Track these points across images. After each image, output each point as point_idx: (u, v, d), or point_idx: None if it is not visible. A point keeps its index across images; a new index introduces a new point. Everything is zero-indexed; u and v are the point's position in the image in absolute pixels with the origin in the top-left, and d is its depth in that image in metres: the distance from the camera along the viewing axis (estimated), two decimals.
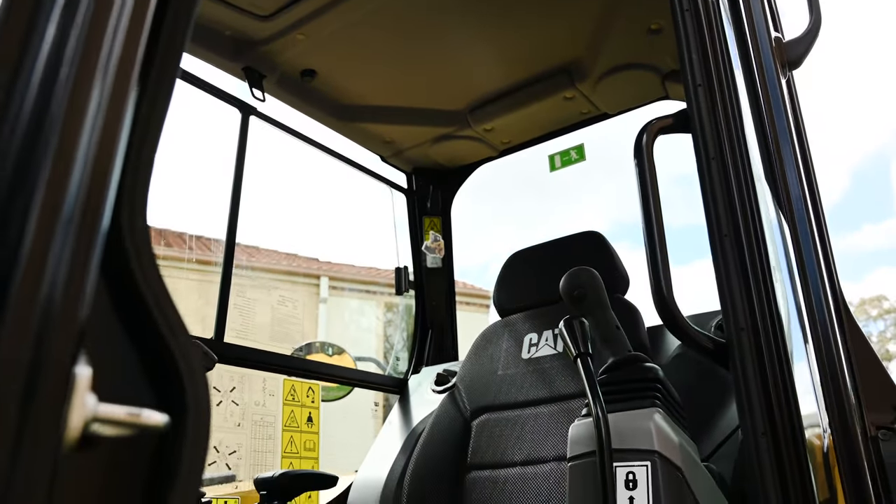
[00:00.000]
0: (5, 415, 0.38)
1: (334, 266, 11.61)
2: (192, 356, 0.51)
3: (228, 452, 2.25)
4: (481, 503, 1.84)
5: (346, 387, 2.94)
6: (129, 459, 0.49)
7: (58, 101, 0.43)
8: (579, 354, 1.19)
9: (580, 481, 1.13)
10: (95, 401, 0.42)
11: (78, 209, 0.43)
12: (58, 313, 0.41)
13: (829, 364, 1.23)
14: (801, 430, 1.01)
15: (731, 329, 1.04)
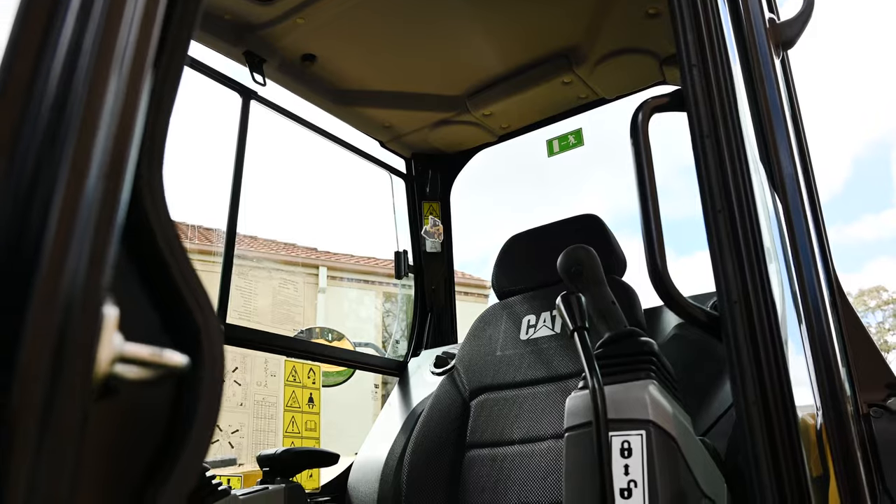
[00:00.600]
0: (42, 350, 0.40)
1: (332, 256, 11.64)
2: (204, 303, 0.54)
3: (231, 431, 2.28)
4: (480, 480, 1.87)
5: (345, 372, 2.97)
6: (150, 404, 0.52)
7: (79, 84, 0.45)
8: (576, 328, 1.22)
9: (576, 451, 1.16)
10: (122, 339, 0.44)
11: (104, 171, 0.46)
12: (87, 259, 0.43)
13: (820, 342, 1.26)
14: (792, 400, 1.04)
15: (723, 302, 1.07)
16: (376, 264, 11.45)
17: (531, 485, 1.78)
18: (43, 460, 0.42)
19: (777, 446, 1.01)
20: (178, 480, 0.52)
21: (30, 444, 0.42)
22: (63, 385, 0.42)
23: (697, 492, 1.11)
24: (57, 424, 0.43)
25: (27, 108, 0.44)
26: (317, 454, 1.84)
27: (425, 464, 1.94)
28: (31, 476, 0.42)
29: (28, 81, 0.45)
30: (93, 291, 0.43)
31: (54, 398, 0.42)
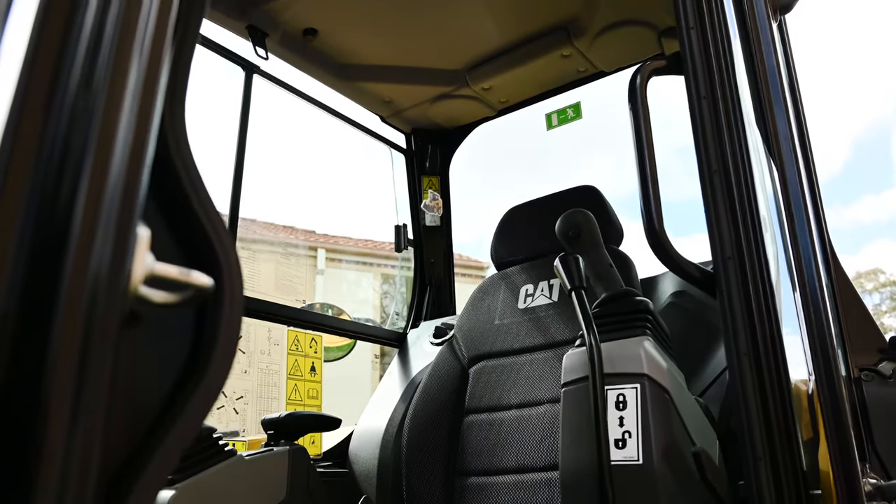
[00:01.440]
0: (82, 269, 0.43)
1: (331, 238, 11.66)
2: (224, 236, 0.57)
3: (236, 398, 2.33)
4: (478, 444, 1.92)
5: (345, 347, 3.01)
6: (176, 325, 0.55)
7: (108, 38, 0.48)
8: (574, 288, 1.26)
9: (573, 404, 1.20)
10: (153, 259, 0.47)
11: (135, 112, 0.49)
12: (121, 190, 0.46)
13: (814, 307, 1.29)
14: (783, 353, 1.08)
15: (717, 258, 1.10)
16: (374, 246, 11.48)
17: (528, 448, 1.82)
18: (85, 374, 0.46)
19: (767, 397, 1.05)
20: (196, 406, 0.56)
21: (72, 359, 0.45)
22: (102, 299, 0.45)
23: (689, 442, 1.16)
24: (96, 337, 0.46)
25: (62, 58, 0.47)
26: (319, 418, 1.88)
27: (425, 429, 1.98)
28: (74, 391, 0.45)
29: (62, 36, 0.47)
30: (126, 214, 0.46)
31: (94, 313, 0.45)
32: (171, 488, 1.46)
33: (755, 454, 1.03)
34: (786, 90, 1.31)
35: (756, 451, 1.03)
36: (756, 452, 1.03)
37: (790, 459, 1.04)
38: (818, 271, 1.34)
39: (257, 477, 1.61)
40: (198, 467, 1.51)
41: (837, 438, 1.21)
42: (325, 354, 2.63)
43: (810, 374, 1.28)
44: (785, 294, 1.33)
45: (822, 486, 1.21)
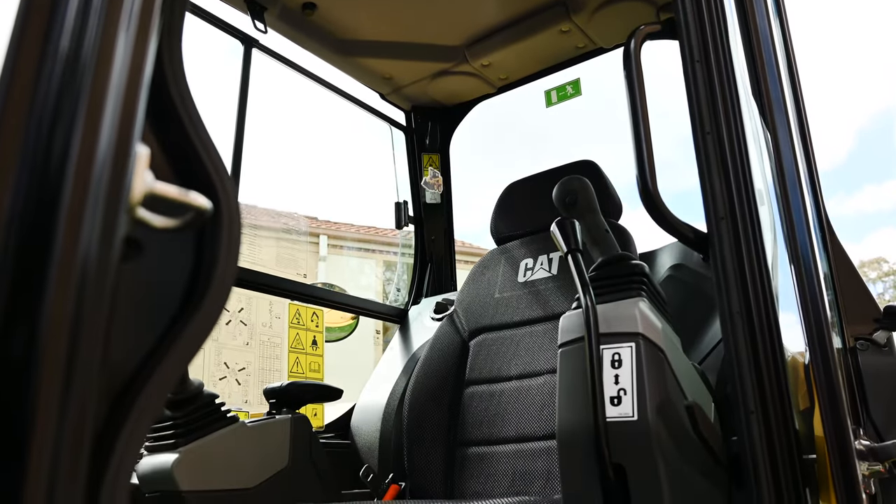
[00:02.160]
0: (83, 187, 0.45)
1: (333, 225, 11.67)
2: (220, 166, 0.59)
3: (238, 369, 2.36)
4: (478, 415, 1.94)
5: (347, 328, 3.03)
6: (176, 253, 0.57)
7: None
8: (570, 250, 1.27)
9: (569, 364, 1.22)
10: (153, 177, 0.49)
11: (132, 40, 0.50)
12: (119, 113, 0.48)
13: (808, 277, 1.31)
14: (775, 310, 1.10)
15: (710, 218, 1.12)
16: (376, 233, 11.50)
17: (527, 417, 1.84)
18: (84, 295, 0.47)
19: (759, 354, 1.06)
20: (196, 329, 0.57)
21: (72, 279, 0.46)
22: (102, 216, 0.47)
23: (684, 399, 1.18)
24: (96, 259, 0.48)
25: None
26: (321, 388, 1.91)
27: (425, 401, 2.01)
28: (74, 310, 0.47)
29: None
30: (125, 134, 0.48)
31: (92, 234, 0.47)
32: (174, 452, 1.49)
33: (747, 409, 1.05)
34: (779, 56, 1.32)
35: (748, 405, 1.05)
36: (748, 407, 1.05)
37: (781, 414, 1.05)
38: (812, 242, 1.35)
39: (259, 443, 1.64)
40: (201, 432, 1.53)
41: (829, 401, 1.22)
42: (327, 335, 2.65)
43: (805, 346, 1.30)
44: (782, 265, 1.35)
45: (816, 451, 1.23)
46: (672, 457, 1.13)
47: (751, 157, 1.25)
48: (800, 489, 1.06)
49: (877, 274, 22.06)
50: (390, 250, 10.80)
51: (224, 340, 2.32)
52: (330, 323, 2.75)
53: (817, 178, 1.55)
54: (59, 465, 0.46)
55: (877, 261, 22.26)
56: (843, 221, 26.99)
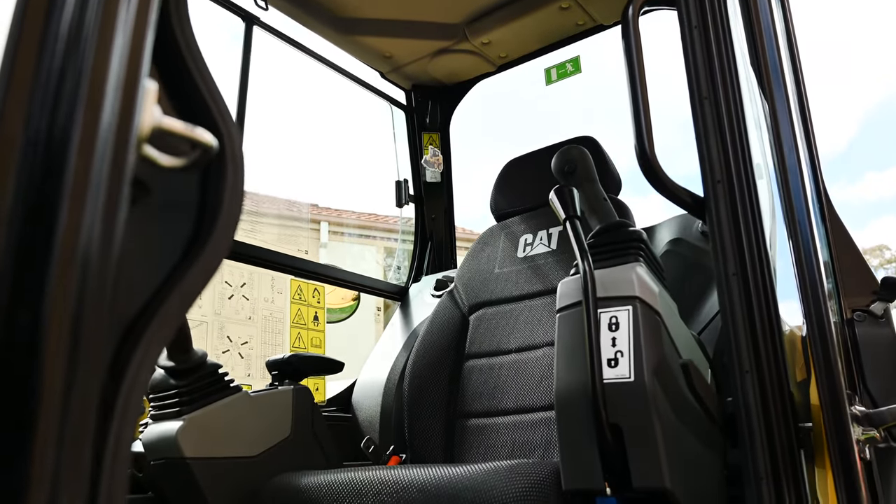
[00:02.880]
0: (96, 113, 0.47)
1: (334, 212, 11.68)
2: (225, 112, 0.60)
3: (241, 343, 2.39)
4: (478, 387, 1.96)
5: (348, 309, 3.05)
6: (182, 191, 0.58)
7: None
8: (568, 217, 1.29)
9: (567, 328, 1.23)
10: (160, 112, 0.50)
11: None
12: (128, 46, 0.49)
13: (805, 249, 1.32)
14: (770, 272, 1.11)
15: (707, 181, 1.13)
16: (377, 220, 11.50)
17: (527, 389, 1.87)
18: (92, 237, 0.49)
19: (754, 314, 1.08)
20: (199, 271, 0.59)
21: (83, 219, 0.48)
22: (113, 149, 0.48)
23: (679, 359, 1.19)
24: (105, 199, 0.49)
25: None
26: (323, 360, 1.93)
27: (426, 375, 2.03)
28: (84, 251, 0.48)
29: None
30: (134, 66, 0.49)
31: (102, 169, 0.48)
32: (179, 419, 1.51)
33: (742, 368, 1.07)
34: (779, 28, 1.32)
35: (743, 365, 1.07)
36: (743, 367, 1.07)
37: (776, 374, 1.07)
38: (810, 215, 1.37)
39: (262, 413, 1.66)
40: (205, 401, 1.55)
41: (825, 368, 1.23)
42: (328, 316, 2.67)
43: (803, 319, 1.31)
44: (780, 239, 1.36)
45: (812, 419, 1.25)
46: (668, 417, 1.15)
47: (748, 126, 1.26)
48: (794, 450, 1.08)
49: (879, 261, 22.05)
50: (391, 237, 10.82)
51: (227, 315, 2.34)
52: (331, 304, 2.77)
53: (816, 151, 1.56)
54: (72, 397, 0.48)
55: (879, 248, 22.24)
56: (846, 209, 26.90)
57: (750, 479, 1.03)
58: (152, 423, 1.56)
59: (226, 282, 2.30)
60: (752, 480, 1.03)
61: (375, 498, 1.30)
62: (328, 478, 1.42)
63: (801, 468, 1.08)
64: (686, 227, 1.99)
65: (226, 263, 2.02)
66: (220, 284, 2.28)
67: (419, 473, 1.30)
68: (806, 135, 1.52)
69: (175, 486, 1.53)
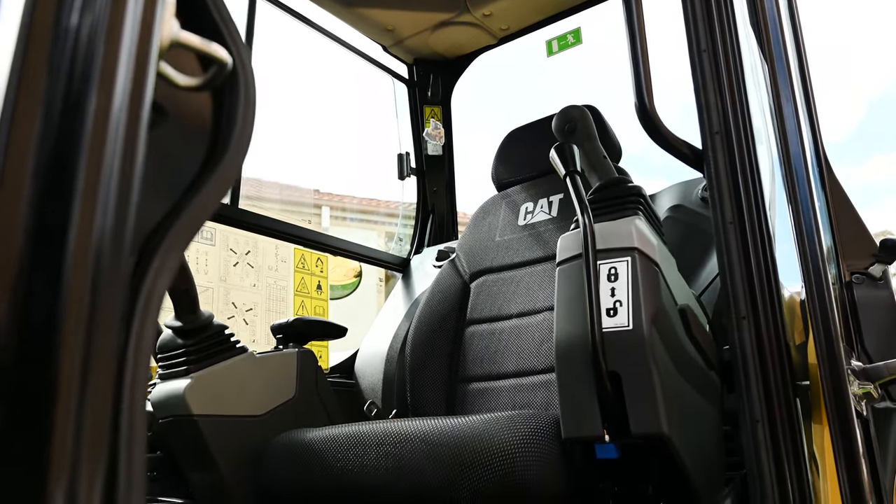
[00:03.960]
0: (115, 33, 0.48)
1: (335, 197, 11.69)
2: (236, 36, 0.62)
3: (245, 309, 2.42)
4: (479, 352, 1.99)
5: (350, 285, 3.08)
6: (196, 112, 0.60)
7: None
8: (568, 172, 1.30)
9: (567, 280, 1.26)
10: (178, 26, 0.52)
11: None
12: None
13: (804, 213, 1.34)
14: (767, 221, 1.13)
15: (705, 132, 1.15)
16: (378, 205, 11.52)
17: (527, 353, 1.89)
18: (114, 161, 0.51)
19: (751, 262, 1.10)
20: (214, 186, 0.61)
21: (106, 142, 0.50)
22: (134, 60, 0.50)
23: (677, 308, 1.22)
24: (126, 117, 0.51)
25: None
26: (327, 325, 1.95)
27: (427, 340, 2.06)
28: (109, 165, 0.50)
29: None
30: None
31: (126, 81, 0.50)
32: (187, 377, 1.54)
33: (738, 315, 1.09)
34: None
35: (739, 310, 1.09)
36: (739, 312, 1.09)
37: (772, 320, 1.09)
38: (809, 177, 1.38)
39: (267, 373, 1.69)
40: (211, 360, 1.58)
41: (822, 325, 1.23)
42: (331, 293, 2.70)
43: (802, 282, 1.33)
44: (780, 204, 1.38)
45: (810, 378, 1.27)
46: (666, 364, 1.17)
47: (748, 86, 1.27)
48: (791, 398, 1.10)
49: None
50: (392, 221, 10.83)
51: (232, 282, 2.37)
52: (333, 281, 2.80)
53: (815, 114, 1.57)
54: (98, 302, 0.50)
55: (884, 233, 22.21)
56: (851, 193, 26.76)
57: (746, 423, 1.05)
58: (160, 382, 1.59)
59: (230, 249, 2.33)
60: (747, 423, 1.05)
61: (378, 449, 1.33)
62: (331, 432, 1.45)
63: (797, 415, 1.11)
64: (686, 194, 2.01)
65: (230, 231, 2.05)
66: (225, 251, 2.30)
67: (421, 424, 1.33)
68: (805, 97, 1.53)
69: (183, 444, 1.56)
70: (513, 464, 1.19)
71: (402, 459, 1.28)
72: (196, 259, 2.33)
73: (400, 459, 1.29)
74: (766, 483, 1.02)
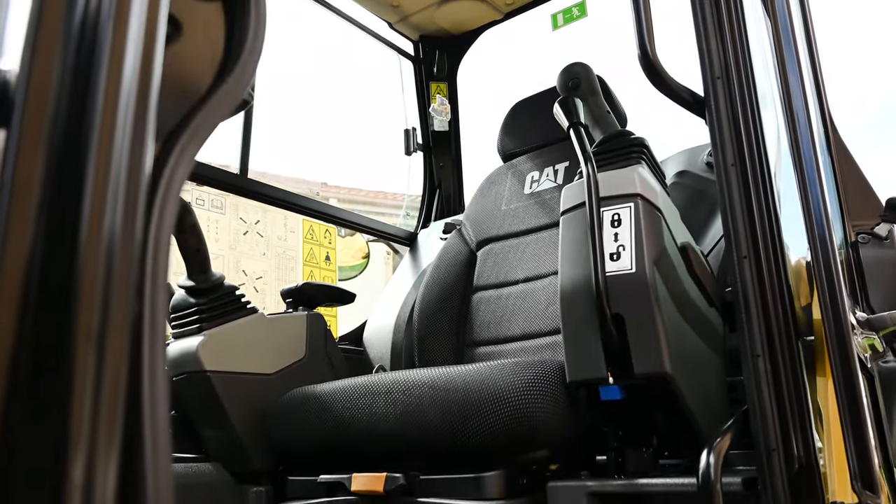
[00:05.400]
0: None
1: (343, 189, 11.74)
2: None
3: (255, 277, 2.46)
4: (486, 317, 2.01)
5: (358, 266, 3.10)
6: (209, 26, 0.63)
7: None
8: (572, 124, 1.32)
9: (571, 228, 1.28)
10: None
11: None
12: None
13: (810, 176, 1.36)
14: (768, 163, 1.15)
15: (707, 78, 1.16)
16: (385, 197, 11.56)
17: (534, 316, 1.91)
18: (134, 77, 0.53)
19: (752, 201, 1.12)
20: (227, 91, 0.64)
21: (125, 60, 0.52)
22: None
23: (678, 250, 1.24)
24: (145, 27, 0.54)
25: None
26: (335, 290, 1.98)
27: (435, 308, 2.08)
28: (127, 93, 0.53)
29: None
30: None
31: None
32: (200, 334, 1.57)
33: (739, 253, 1.11)
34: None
35: (741, 250, 1.11)
36: (741, 252, 1.11)
37: (774, 260, 1.11)
38: (814, 139, 1.40)
39: (278, 334, 1.72)
40: (223, 319, 1.61)
41: (830, 302, 1.24)
42: (340, 273, 2.73)
43: (807, 245, 1.34)
44: (783, 167, 1.39)
45: (815, 333, 1.28)
46: (668, 305, 1.19)
47: (749, 34, 1.28)
48: (791, 333, 1.12)
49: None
50: (398, 213, 10.85)
51: (242, 250, 2.40)
52: (342, 263, 2.83)
53: (821, 75, 1.58)
54: (118, 199, 0.53)
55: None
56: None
57: (747, 357, 1.07)
58: (174, 341, 1.62)
59: (240, 218, 2.36)
60: (748, 358, 1.07)
61: (387, 397, 1.36)
62: (341, 384, 1.48)
63: (798, 352, 1.12)
64: (691, 161, 2.02)
65: (239, 201, 2.08)
66: (236, 220, 2.33)
67: (429, 372, 1.36)
68: (811, 58, 1.54)
69: (196, 400, 1.59)
70: (519, 407, 1.22)
71: (409, 406, 1.31)
72: (206, 227, 2.37)
73: (408, 406, 1.31)
74: (768, 416, 1.03)
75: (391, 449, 1.34)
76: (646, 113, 1.53)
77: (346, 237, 2.84)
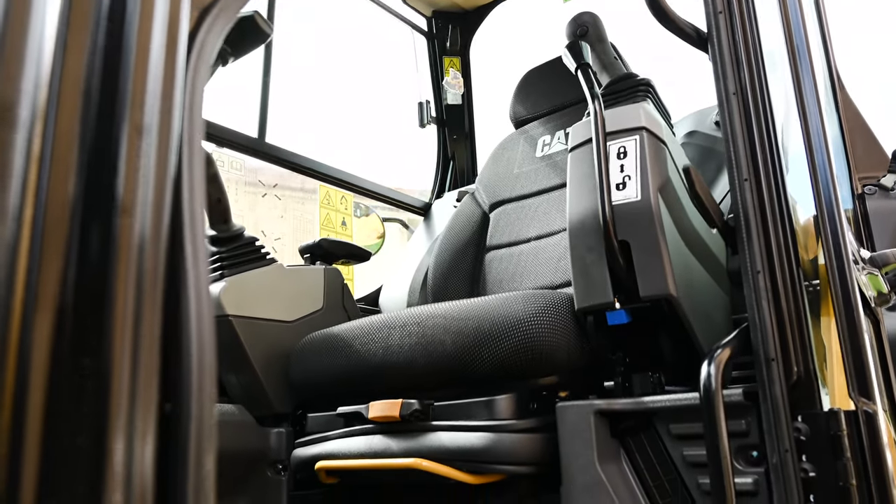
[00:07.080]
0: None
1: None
2: None
3: (274, 238, 2.51)
4: (499, 274, 2.06)
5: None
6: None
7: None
8: (580, 65, 1.37)
9: (579, 163, 1.32)
10: None
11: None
12: None
13: (814, 127, 1.39)
14: (768, 90, 1.18)
15: (710, 11, 1.21)
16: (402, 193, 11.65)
17: (544, 270, 1.96)
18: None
19: (752, 128, 1.16)
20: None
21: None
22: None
23: (681, 177, 1.28)
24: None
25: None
26: (352, 247, 2.04)
27: (448, 268, 2.13)
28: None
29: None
30: None
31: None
32: (221, 281, 1.63)
33: (740, 177, 1.15)
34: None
35: (741, 173, 1.15)
36: (741, 175, 1.15)
37: (774, 182, 1.15)
38: (819, 96, 1.43)
39: (297, 284, 1.78)
40: (244, 266, 1.67)
41: (835, 255, 1.25)
42: None
43: (813, 193, 1.37)
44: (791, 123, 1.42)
45: (819, 277, 1.31)
46: (672, 230, 1.23)
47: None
48: (790, 249, 1.15)
49: None
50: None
51: (261, 213, 2.46)
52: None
53: (827, 30, 1.61)
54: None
55: None
56: None
57: (747, 274, 1.11)
58: None
59: (259, 181, 2.41)
60: (749, 274, 1.11)
61: (402, 330, 1.41)
62: (357, 322, 1.54)
63: (797, 271, 1.15)
64: (700, 121, 2.06)
65: (257, 163, 2.14)
66: (254, 184, 2.40)
67: (442, 305, 1.41)
68: (818, 13, 1.58)
69: (218, 345, 1.65)
70: (529, 333, 1.26)
71: (424, 336, 1.36)
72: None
73: (422, 336, 1.36)
74: (767, 328, 1.07)
75: (406, 377, 1.39)
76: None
77: (361, 217, 2.89)
